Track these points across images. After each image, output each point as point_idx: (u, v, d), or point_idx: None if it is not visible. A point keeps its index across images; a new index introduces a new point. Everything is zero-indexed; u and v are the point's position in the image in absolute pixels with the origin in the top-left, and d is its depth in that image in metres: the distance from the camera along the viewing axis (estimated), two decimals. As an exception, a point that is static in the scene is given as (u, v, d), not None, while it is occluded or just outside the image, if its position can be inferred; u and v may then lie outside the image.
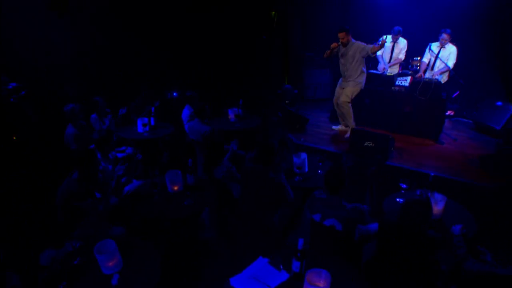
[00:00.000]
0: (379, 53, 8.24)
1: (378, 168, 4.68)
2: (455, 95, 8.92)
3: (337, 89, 7.37)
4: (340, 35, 6.70)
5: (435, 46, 7.68)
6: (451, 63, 7.57)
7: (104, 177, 4.70)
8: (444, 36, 7.46)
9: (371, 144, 6.12)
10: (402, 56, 8.14)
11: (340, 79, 7.31)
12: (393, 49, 8.11)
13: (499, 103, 8.13)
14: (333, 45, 6.80)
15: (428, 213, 3.20)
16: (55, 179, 4.27)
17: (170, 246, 4.28)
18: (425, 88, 7.20)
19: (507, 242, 4.35)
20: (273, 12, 9.17)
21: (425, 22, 8.60)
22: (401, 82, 7.95)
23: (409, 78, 8.26)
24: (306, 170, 4.80)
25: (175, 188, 4.26)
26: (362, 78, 7.02)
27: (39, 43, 7.31)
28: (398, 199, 4.33)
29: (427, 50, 7.78)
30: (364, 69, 6.99)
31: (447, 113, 8.26)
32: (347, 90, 7.05)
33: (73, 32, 7.83)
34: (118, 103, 7.15)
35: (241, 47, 9.19)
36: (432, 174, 4.17)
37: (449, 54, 7.57)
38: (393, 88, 7.64)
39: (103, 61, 8.21)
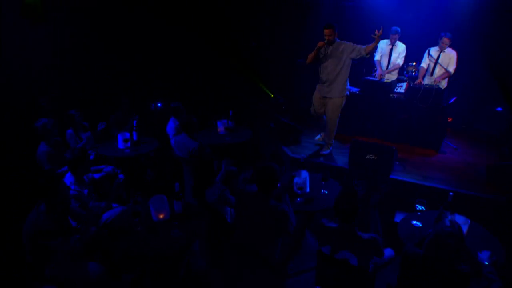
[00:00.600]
0: (377, 58, 7.83)
1: (382, 197, 4.24)
2: (452, 101, 8.55)
3: (317, 98, 6.52)
4: (327, 31, 5.95)
5: (434, 50, 7.30)
6: (451, 68, 7.19)
7: (80, 204, 4.14)
8: (445, 40, 7.08)
9: (373, 157, 5.65)
10: (400, 62, 7.69)
11: (318, 86, 6.47)
12: (391, 53, 7.67)
13: (499, 109, 7.78)
14: (320, 43, 6.02)
15: (461, 247, 2.73)
16: (24, 208, 3.68)
17: (156, 285, 3.72)
18: (425, 95, 6.79)
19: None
20: None
21: (421, 27, 8.21)
22: (397, 89, 7.57)
23: (404, 85, 7.87)
24: (308, 190, 4.29)
25: (161, 216, 3.71)
26: (348, 85, 6.42)
27: (11, 51, 6.71)
28: (413, 222, 3.86)
29: (426, 55, 7.39)
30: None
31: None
32: (336, 103, 6.31)
33: (48, 41, 7.25)
34: (96, 116, 6.59)
35: (230, 54, 8.67)
36: (452, 193, 3.70)
37: (449, 59, 7.19)
38: (391, 95, 7.21)
39: (81, 70, 7.61)
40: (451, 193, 3.70)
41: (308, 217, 4.60)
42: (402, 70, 8.20)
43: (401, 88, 7.76)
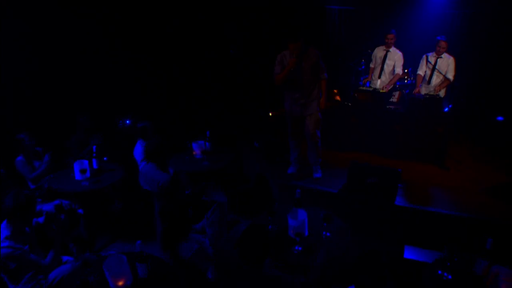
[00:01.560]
0: (371, 65, 7.14)
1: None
2: (447, 109, 7.94)
3: (294, 120, 5.56)
4: (293, 46, 4.92)
5: (431, 56, 6.64)
6: (450, 75, 6.56)
7: (18, 264, 3.22)
8: (442, 43, 6.45)
9: (375, 181, 4.88)
10: (399, 71, 6.96)
11: (290, 106, 5.47)
12: (384, 60, 6.93)
13: (500, 118, 7.15)
14: (291, 62, 5.00)
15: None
16: None
17: None
18: (426, 106, 6.08)
19: None
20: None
21: (413, 31, 7.58)
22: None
23: (397, 93, 7.25)
24: (306, 233, 3.46)
25: (120, 283, 2.82)
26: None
27: None
28: (440, 272, 3.08)
29: (423, 61, 6.72)
30: None
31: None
32: (317, 117, 5.46)
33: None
34: (52, 140, 5.63)
35: (206, 63, 7.76)
36: (490, 239, 2.93)
37: (447, 65, 6.56)
38: (388, 106, 6.48)
39: (32, 84, 6.47)
40: (490, 239, 2.93)
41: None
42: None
43: (394, 97, 7.11)
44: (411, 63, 7.19)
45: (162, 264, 3.11)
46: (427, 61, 6.63)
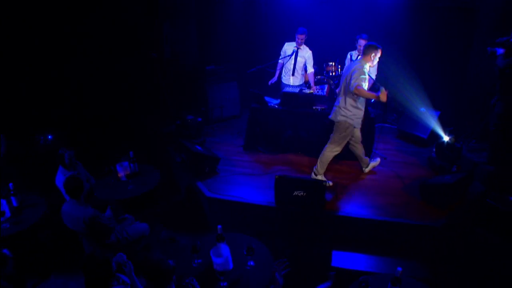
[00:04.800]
0: (280, 60, 7.21)
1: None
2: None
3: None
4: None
5: (355, 55, 6.81)
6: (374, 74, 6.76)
7: None
8: (362, 42, 6.59)
9: (302, 194, 4.97)
10: (310, 68, 7.13)
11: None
12: (296, 57, 6.97)
13: (423, 109, 7.46)
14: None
15: None
16: None
17: None
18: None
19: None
20: None
21: (340, 26, 7.67)
22: (317, 92, 7.02)
23: (326, 87, 7.33)
24: (231, 266, 3.48)
25: None
26: None
27: None
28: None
29: (348, 60, 6.87)
30: None
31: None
32: None
33: None
34: None
35: (122, 70, 7.11)
36: (400, 268, 3.06)
37: None
38: (314, 108, 6.54)
39: None
40: (399, 268, 3.07)
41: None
42: (321, 70, 7.76)
43: (322, 90, 7.17)
44: (334, 56, 7.48)
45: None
46: (351, 59, 6.80)
